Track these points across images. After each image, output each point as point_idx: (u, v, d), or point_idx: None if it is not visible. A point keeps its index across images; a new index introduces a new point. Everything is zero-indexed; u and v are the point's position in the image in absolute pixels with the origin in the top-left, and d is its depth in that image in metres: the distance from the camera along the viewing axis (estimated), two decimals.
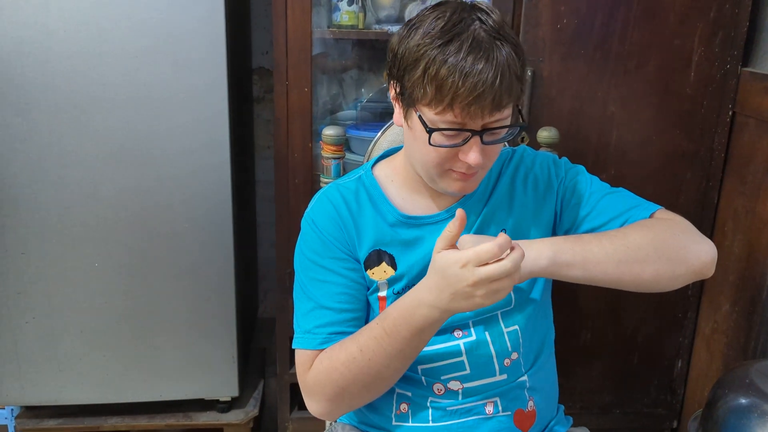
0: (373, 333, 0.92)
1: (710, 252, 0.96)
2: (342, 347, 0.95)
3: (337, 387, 0.95)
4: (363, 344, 0.92)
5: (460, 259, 0.83)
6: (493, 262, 0.81)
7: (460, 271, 0.82)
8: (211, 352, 1.65)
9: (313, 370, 0.97)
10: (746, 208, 1.56)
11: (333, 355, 0.95)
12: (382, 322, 0.92)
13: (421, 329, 0.89)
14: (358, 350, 0.92)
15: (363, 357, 0.92)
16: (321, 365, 0.96)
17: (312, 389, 0.98)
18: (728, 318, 1.62)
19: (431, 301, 0.87)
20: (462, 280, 0.82)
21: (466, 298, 0.84)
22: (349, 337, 0.95)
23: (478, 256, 0.82)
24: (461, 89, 0.84)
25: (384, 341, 0.91)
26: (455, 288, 0.83)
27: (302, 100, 1.52)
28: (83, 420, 1.67)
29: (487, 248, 0.82)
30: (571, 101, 1.55)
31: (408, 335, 0.90)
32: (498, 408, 1.03)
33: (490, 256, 0.82)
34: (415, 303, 0.89)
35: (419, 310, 0.88)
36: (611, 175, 1.59)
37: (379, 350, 0.91)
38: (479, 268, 0.82)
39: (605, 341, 1.73)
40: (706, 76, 1.56)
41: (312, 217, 1.03)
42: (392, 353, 0.91)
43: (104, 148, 1.49)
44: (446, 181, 0.96)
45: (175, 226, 1.55)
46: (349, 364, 0.93)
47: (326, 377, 0.95)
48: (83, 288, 1.57)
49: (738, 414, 1.04)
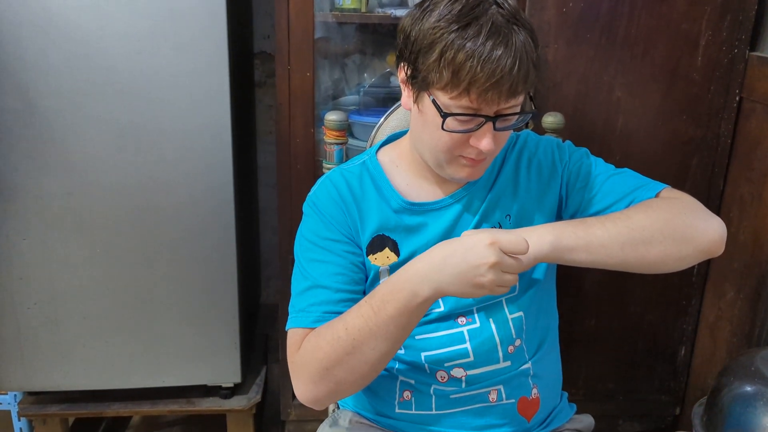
0: (360, 310, 0.89)
1: (718, 229, 0.93)
2: (329, 326, 0.92)
3: (321, 367, 0.90)
4: (349, 322, 0.89)
5: (487, 237, 0.83)
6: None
7: (485, 248, 0.82)
8: (213, 339, 1.64)
9: (301, 350, 0.94)
10: (752, 194, 1.54)
11: (320, 333, 0.92)
12: (370, 300, 0.89)
13: (407, 307, 0.86)
14: (344, 329, 0.89)
15: (347, 336, 0.88)
16: (308, 344, 0.93)
17: (298, 370, 0.94)
18: (733, 305, 1.61)
19: (427, 274, 0.85)
20: (483, 257, 0.82)
21: (472, 279, 0.83)
22: (339, 317, 0.92)
23: (510, 243, 0.83)
24: (479, 75, 0.83)
25: (370, 320, 0.87)
26: (469, 263, 0.82)
27: (304, 84, 1.51)
28: (86, 406, 1.67)
29: (519, 240, 0.83)
30: (576, 86, 1.53)
31: (394, 313, 0.86)
32: (501, 396, 1.03)
33: (519, 249, 0.83)
34: (407, 276, 0.86)
35: (409, 286, 0.85)
36: (616, 162, 1.55)
37: (364, 329, 0.88)
38: (503, 254, 0.82)
39: (609, 328, 1.72)
40: (714, 61, 1.54)
41: (314, 200, 1.03)
42: (377, 333, 0.87)
43: (106, 132, 1.48)
44: (454, 167, 0.95)
45: (177, 211, 1.55)
46: (334, 343, 0.89)
47: (311, 356, 0.91)
48: (85, 274, 1.56)
49: (743, 401, 1.03)
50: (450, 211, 1.02)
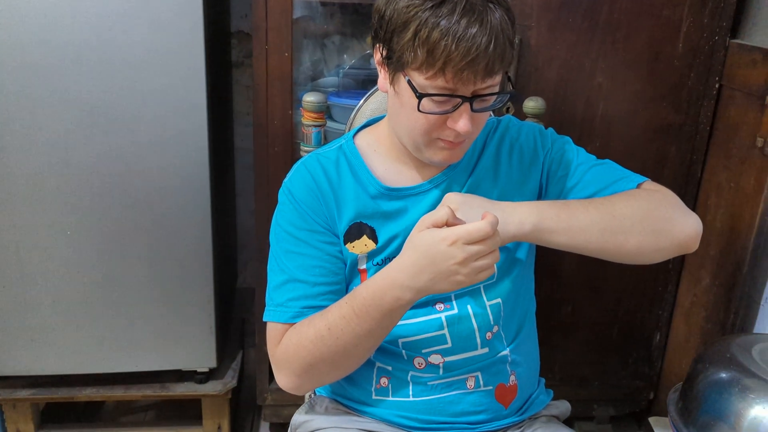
0: (342, 312, 0.90)
1: (695, 226, 0.95)
2: (311, 324, 0.92)
3: (304, 364, 0.93)
4: (331, 323, 0.90)
5: (448, 236, 0.81)
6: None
7: (449, 248, 0.80)
8: (188, 323, 1.62)
9: (282, 345, 0.95)
10: (729, 182, 1.55)
11: (302, 332, 0.93)
12: (351, 302, 0.89)
13: (392, 310, 0.87)
14: (327, 329, 0.90)
15: (331, 336, 0.90)
16: (290, 341, 0.94)
17: (280, 364, 0.96)
18: (708, 292, 1.62)
19: (406, 282, 0.84)
20: (449, 258, 0.81)
21: (448, 277, 0.82)
22: (319, 314, 0.93)
23: (470, 234, 0.80)
24: (454, 53, 0.81)
25: (353, 321, 0.88)
26: (439, 267, 0.81)
27: (282, 65, 1.48)
28: (57, 390, 1.64)
29: (480, 227, 0.80)
30: (558, 71, 1.52)
31: (378, 316, 0.87)
32: (479, 382, 1.02)
33: (482, 236, 0.80)
34: (386, 284, 0.86)
35: (391, 292, 0.86)
36: (596, 147, 1.58)
37: (347, 330, 0.89)
38: (469, 246, 0.80)
39: (586, 314, 1.73)
40: (694, 48, 1.54)
41: (289, 188, 1.00)
42: (361, 333, 0.89)
43: (76, 111, 1.44)
44: (432, 150, 0.93)
45: (150, 193, 1.51)
46: (317, 342, 0.91)
47: (294, 353, 0.93)
48: (55, 256, 1.52)
49: (718, 388, 1.04)
50: (429, 197, 1.00)
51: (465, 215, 0.86)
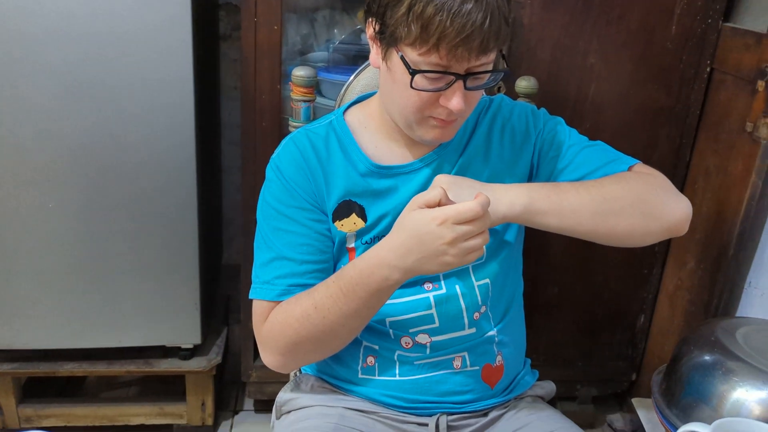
0: (329, 291, 0.89)
1: (685, 209, 0.95)
2: (297, 302, 0.92)
3: (290, 342, 0.92)
4: (318, 302, 0.89)
5: (438, 216, 0.80)
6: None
7: (438, 228, 0.80)
8: (172, 298, 1.61)
9: (268, 323, 0.94)
10: (717, 166, 1.55)
11: (288, 310, 0.92)
12: (338, 281, 0.88)
13: (379, 290, 0.86)
14: (313, 307, 0.89)
15: (317, 315, 0.89)
16: (276, 319, 0.93)
17: (266, 342, 0.96)
18: (693, 275, 1.63)
19: (393, 262, 0.84)
20: (438, 238, 0.80)
21: (436, 258, 0.81)
22: (306, 292, 0.92)
23: (460, 214, 0.79)
24: (449, 29, 0.79)
25: (340, 301, 0.88)
26: (428, 247, 0.81)
27: (271, 38, 1.45)
28: (39, 365, 1.62)
29: (470, 207, 0.79)
30: (551, 50, 1.51)
31: (365, 296, 0.87)
32: (466, 362, 1.02)
33: (472, 215, 0.79)
34: (374, 263, 0.85)
35: (379, 271, 0.85)
36: (587, 128, 1.57)
37: (334, 309, 0.88)
38: (458, 226, 0.79)
39: (572, 295, 1.74)
40: (687, 30, 1.53)
41: (277, 164, 0.99)
42: (348, 313, 0.88)
43: (60, 82, 1.40)
44: (424, 128, 0.92)
45: (135, 167, 1.49)
46: (303, 320, 0.90)
47: (280, 332, 0.93)
48: (37, 230, 1.50)
49: (702, 370, 1.05)
50: (420, 175, 0.99)
51: (455, 196, 0.85)
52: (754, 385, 0.98)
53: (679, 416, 1.06)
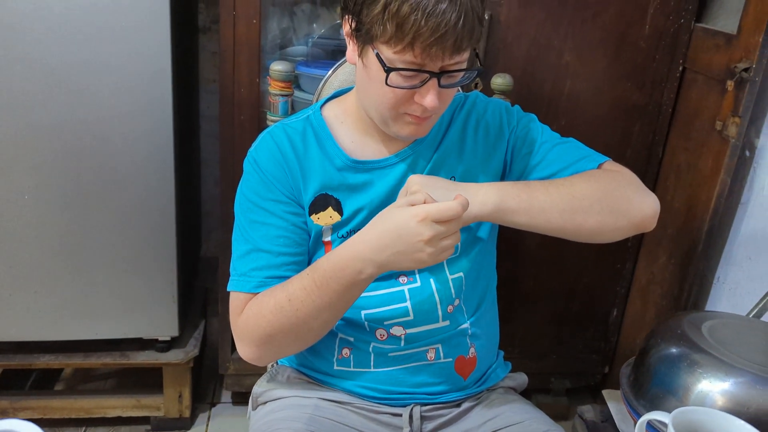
0: (303, 283, 0.90)
1: (653, 206, 0.97)
2: (272, 294, 0.93)
3: (264, 334, 0.93)
4: (292, 294, 0.90)
5: (419, 213, 0.81)
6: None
7: (417, 225, 0.81)
8: (150, 291, 1.60)
9: (244, 315, 0.95)
10: (689, 163, 1.59)
11: (263, 302, 0.93)
12: (312, 274, 0.89)
13: (352, 284, 0.88)
14: (287, 300, 0.90)
15: (291, 307, 0.90)
16: (250, 311, 0.94)
17: (241, 334, 0.96)
18: (664, 269, 1.67)
19: (368, 255, 0.85)
20: (416, 235, 0.81)
21: (412, 254, 0.83)
22: (281, 285, 0.93)
23: (441, 213, 0.81)
24: (423, 28, 0.81)
25: (313, 293, 0.89)
26: (405, 243, 0.82)
27: (250, 31, 1.45)
28: (14, 357, 1.62)
29: (451, 206, 0.81)
30: (527, 48, 1.53)
31: (339, 289, 0.88)
32: (440, 354, 1.04)
33: (452, 215, 0.81)
34: (348, 256, 0.86)
35: (353, 264, 0.86)
36: (562, 125, 1.59)
37: (308, 301, 0.89)
38: (437, 225, 0.81)
39: (546, 289, 1.77)
40: (660, 30, 1.56)
41: (255, 157, 1.00)
42: (321, 305, 0.89)
43: (37, 73, 1.39)
44: (399, 124, 0.93)
45: (113, 158, 1.48)
46: (277, 312, 0.91)
47: (254, 323, 0.93)
48: (12, 220, 1.49)
49: (668, 362, 1.08)
50: (395, 170, 1.01)
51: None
52: (717, 376, 1.01)
53: (646, 407, 1.08)
